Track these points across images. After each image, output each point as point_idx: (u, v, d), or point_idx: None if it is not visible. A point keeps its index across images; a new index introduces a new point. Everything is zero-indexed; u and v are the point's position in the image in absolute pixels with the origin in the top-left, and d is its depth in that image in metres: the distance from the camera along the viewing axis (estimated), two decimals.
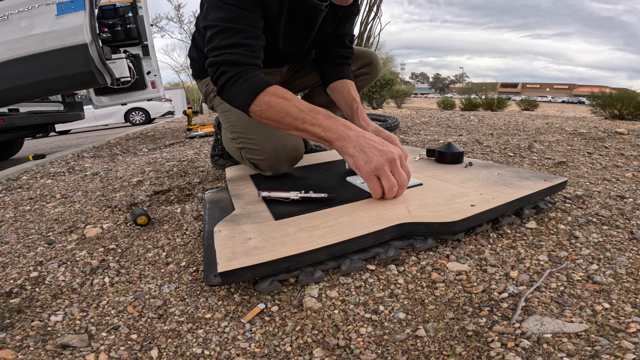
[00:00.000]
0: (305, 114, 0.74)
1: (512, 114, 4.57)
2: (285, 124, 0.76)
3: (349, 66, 1.15)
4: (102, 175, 1.53)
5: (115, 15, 2.92)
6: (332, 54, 1.12)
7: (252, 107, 0.77)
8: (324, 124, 0.74)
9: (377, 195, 0.73)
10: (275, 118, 0.76)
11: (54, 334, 0.51)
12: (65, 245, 0.80)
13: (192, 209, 0.99)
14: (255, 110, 0.77)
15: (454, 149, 1.02)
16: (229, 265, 0.53)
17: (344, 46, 1.12)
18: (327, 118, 0.75)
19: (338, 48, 1.11)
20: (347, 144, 0.72)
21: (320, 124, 0.74)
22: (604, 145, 1.63)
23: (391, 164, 0.70)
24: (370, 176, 0.71)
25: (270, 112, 0.76)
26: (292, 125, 0.75)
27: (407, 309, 0.52)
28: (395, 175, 0.71)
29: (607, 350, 0.41)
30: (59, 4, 2.11)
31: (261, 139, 0.95)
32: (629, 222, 0.75)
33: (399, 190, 0.72)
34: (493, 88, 45.42)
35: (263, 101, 0.76)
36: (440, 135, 2.20)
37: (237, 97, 0.79)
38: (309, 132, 0.75)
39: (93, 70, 2.15)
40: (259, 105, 0.76)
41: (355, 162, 0.72)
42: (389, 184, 0.70)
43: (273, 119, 0.76)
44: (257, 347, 0.46)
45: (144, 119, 9.74)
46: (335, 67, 1.12)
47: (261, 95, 0.76)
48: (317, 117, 0.74)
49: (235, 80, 0.78)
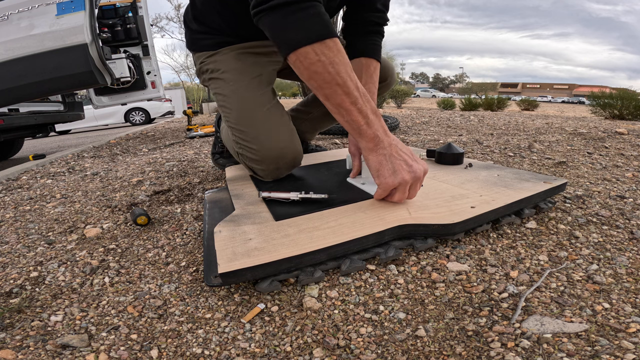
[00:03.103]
0: (359, 95, 0.64)
1: (512, 114, 4.57)
2: (330, 92, 0.63)
3: (379, 36, 0.97)
4: (102, 175, 1.53)
5: (115, 15, 2.92)
6: (360, 19, 0.94)
7: (307, 49, 0.60)
8: (369, 117, 0.66)
9: (379, 198, 0.72)
10: (325, 79, 0.62)
11: (54, 334, 0.51)
12: (65, 245, 0.80)
13: (192, 209, 0.99)
14: (308, 56, 0.61)
15: (454, 150, 1.02)
16: (230, 266, 0.53)
17: (375, 9, 0.94)
18: (374, 112, 0.67)
19: (367, 12, 0.93)
20: (378, 147, 0.67)
21: (367, 115, 0.65)
22: (604, 145, 1.63)
23: (415, 183, 0.67)
24: (389, 189, 0.67)
25: (327, 68, 0.61)
26: (338, 99, 0.63)
27: (407, 309, 0.52)
28: (411, 191, 0.69)
29: (607, 350, 0.41)
30: (59, 4, 2.11)
31: (261, 149, 0.90)
32: (629, 222, 0.75)
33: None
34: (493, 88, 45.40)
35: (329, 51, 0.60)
36: (440, 135, 2.20)
37: (300, 26, 0.60)
38: (351, 117, 0.65)
39: (93, 70, 2.15)
40: (320, 54, 0.60)
41: (379, 169, 0.67)
42: (401, 197, 0.68)
43: (321, 79, 0.62)
44: (257, 347, 0.46)
45: (144, 119, 9.74)
46: (361, 37, 0.95)
47: (328, 42, 0.60)
48: (367, 105, 0.65)
49: (306, 7, 0.60)
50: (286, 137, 0.93)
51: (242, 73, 0.96)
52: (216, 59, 0.99)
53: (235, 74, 0.96)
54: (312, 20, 0.60)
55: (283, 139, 0.92)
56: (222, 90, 0.98)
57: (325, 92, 0.64)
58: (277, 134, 0.91)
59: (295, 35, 0.61)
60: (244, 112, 0.93)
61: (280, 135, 0.92)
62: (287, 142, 0.92)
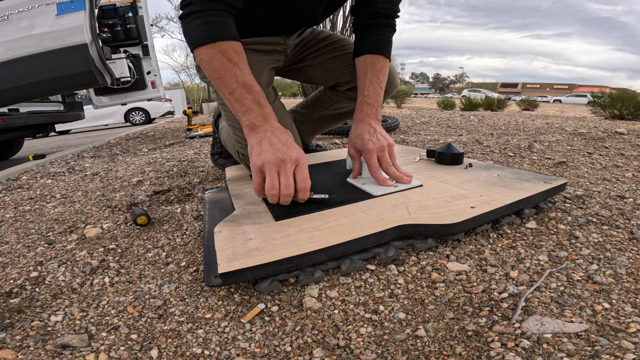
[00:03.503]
0: (237, 87, 0.71)
1: (512, 114, 4.57)
2: (216, 85, 0.74)
3: (387, 29, 0.92)
4: (102, 175, 1.53)
5: (115, 15, 2.92)
6: (366, 12, 0.90)
7: (195, 51, 0.73)
8: (247, 106, 0.71)
9: (257, 191, 0.70)
10: (210, 75, 0.73)
11: (54, 334, 0.51)
12: (65, 245, 0.80)
13: (192, 209, 0.99)
14: (197, 56, 0.74)
15: (454, 150, 1.02)
16: (230, 266, 0.53)
17: (381, 0, 0.89)
18: (255, 102, 0.72)
19: (372, 3, 0.90)
20: (253, 133, 0.71)
21: (244, 104, 0.71)
22: (604, 145, 1.63)
23: (279, 165, 0.67)
24: (256, 170, 0.68)
25: (209, 66, 0.72)
26: (220, 91, 0.73)
27: (407, 309, 0.52)
28: (281, 177, 0.67)
29: (607, 350, 0.41)
30: (59, 4, 2.11)
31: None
32: (629, 222, 0.75)
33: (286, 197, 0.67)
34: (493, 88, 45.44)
35: (207, 53, 0.71)
36: (440, 135, 2.20)
37: (189, 35, 0.74)
38: (232, 106, 0.73)
39: (93, 70, 2.15)
40: (201, 54, 0.72)
41: (250, 151, 0.71)
42: (270, 183, 0.66)
43: (209, 75, 0.73)
44: (257, 347, 0.46)
45: (144, 119, 9.74)
46: (368, 32, 0.91)
47: (210, 45, 0.71)
48: (247, 95, 0.71)
49: (197, 17, 0.71)
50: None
51: None
52: None
53: None
54: (197, 28, 0.71)
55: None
56: None
57: (215, 86, 0.75)
58: None
59: (188, 40, 0.74)
60: None
61: None
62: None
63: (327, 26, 2.53)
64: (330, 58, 1.10)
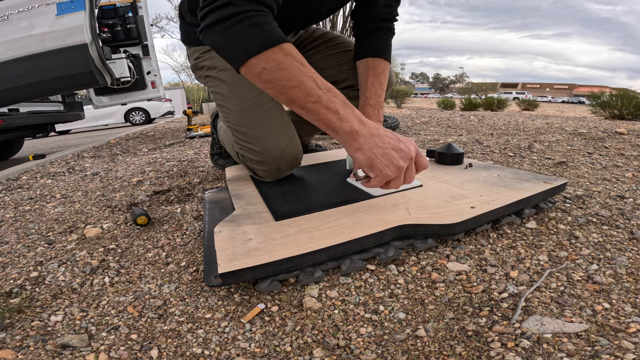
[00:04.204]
0: (322, 92, 0.60)
1: (512, 114, 4.57)
2: (290, 97, 0.60)
3: (387, 33, 0.92)
4: (102, 175, 1.53)
5: (115, 15, 2.92)
6: (366, 16, 0.90)
7: (253, 60, 0.58)
8: (340, 112, 0.61)
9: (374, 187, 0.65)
10: (281, 85, 0.59)
11: (54, 334, 0.51)
12: (65, 245, 0.80)
13: (192, 209, 0.99)
14: (255, 68, 0.59)
15: (454, 150, 1.02)
16: (230, 266, 0.53)
17: (380, 4, 0.89)
18: (344, 105, 0.62)
19: (372, 7, 0.89)
20: (360, 143, 0.62)
21: (337, 111, 0.61)
22: (604, 145, 1.63)
23: (410, 166, 0.63)
24: (387, 179, 0.62)
25: (279, 75, 0.58)
26: (300, 101, 0.60)
27: (407, 309, 0.52)
28: (407, 175, 0.64)
29: (607, 350, 0.41)
30: (59, 4, 2.11)
31: (263, 150, 0.89)
32: (629, 222, 0.75)
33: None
34: (493, 88, 45.42)
35: (274, 58, 0.58)
36: (440, 135, 2.20)
37: (236, 42, 0.59)
38: (319, 116, 0.61)
39: (93, 70, 2.15)
40: (265, 62, 0.58)
41: (372, 165, 0.62)
42: (397, 184, 0.63)
43: (277, 86, 0.60)
44: (257, 347, 0.46)
45: (144, 119, 9.74)
46: (368, 36, 0.90)
47: (274, 49, 0.58)
48: (334, 100, 0.61)
49: (242, 19, 0.57)
50: (287, 138, 0.92)
51: None
52: (213, 55, 0.97)
53: (233, 73, 0.91)
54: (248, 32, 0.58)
55: (284, 140, 0.91)
56: (220, 90, 0.96)
57: (284, 97, 0.61)
58: (278, 135, 0.91)
59: (235, 50, 0.60)
60: (244, 113, 0.91)
61: (281, 135, 0.91)
62: (288, 142, 0.92)
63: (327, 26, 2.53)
64: (325, 57, 1.10)
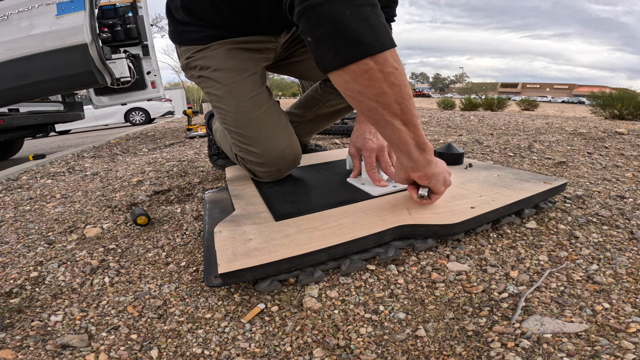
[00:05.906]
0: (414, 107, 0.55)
1: (512, 114, 4.57)
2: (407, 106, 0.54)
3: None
4: (102, 175, 1.53)
5: (115, 15, 2.92)
6: None
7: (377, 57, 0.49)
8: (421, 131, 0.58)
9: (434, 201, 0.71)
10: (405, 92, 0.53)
11: (54, 334, 0.51)
12: (65, 245, 0.80)
13: (192, 209, 0.99)
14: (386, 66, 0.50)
15: (454, 150, 1.02)
16: (230, 266, 0.53)
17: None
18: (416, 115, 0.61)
19: None
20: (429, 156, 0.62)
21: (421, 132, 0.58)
22: (604, 145, 1.63)
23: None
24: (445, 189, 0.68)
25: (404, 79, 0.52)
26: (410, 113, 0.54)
27: (407, 309, 0.52)
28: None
29: (607, 350, 0.41)
30: (59, 4, 2.11)
31: (263, 152, 0.89)
32: (629, 222, 0.75)
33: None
34: (493, 88, 45.44)
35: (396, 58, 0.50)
36: (441, 135, 2.20)
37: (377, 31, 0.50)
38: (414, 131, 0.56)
39: (93, 70, 2.15)
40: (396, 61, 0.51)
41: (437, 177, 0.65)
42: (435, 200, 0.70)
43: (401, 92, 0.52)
44: (257, 347, 0.46)
45: (144, 119, 9.74)
46: None
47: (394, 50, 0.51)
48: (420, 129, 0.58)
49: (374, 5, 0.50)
50: (286, 139, 0.92)
51: (235, 72, 0.90)
52: (205, 54, 0.92)
53: (229, 73, 0.91)
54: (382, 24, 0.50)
55: (283, 141, 0.91)
56: (215, 91, 0.92)
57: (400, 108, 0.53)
58: (277, 136, 0.91)
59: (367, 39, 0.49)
60: (242, 115, 0.90)
61: (280, 136, 0.91)
62: (287, 143, 0.92)
63: None
64: None
